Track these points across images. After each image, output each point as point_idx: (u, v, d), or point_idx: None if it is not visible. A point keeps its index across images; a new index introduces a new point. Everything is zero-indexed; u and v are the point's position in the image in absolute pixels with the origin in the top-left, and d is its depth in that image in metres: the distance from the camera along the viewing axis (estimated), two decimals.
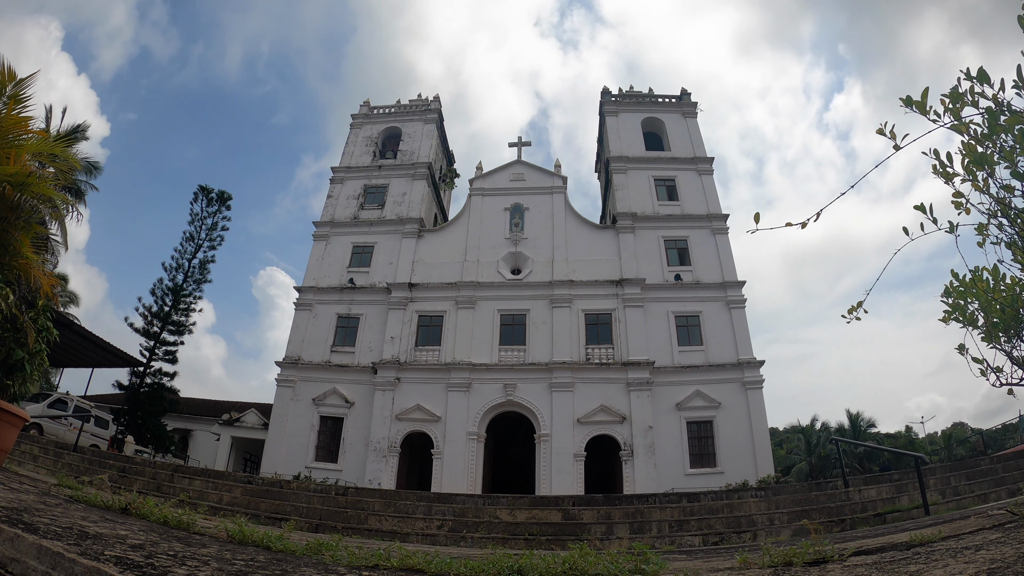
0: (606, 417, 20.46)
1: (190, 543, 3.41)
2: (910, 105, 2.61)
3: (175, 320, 28.10)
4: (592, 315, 22.73)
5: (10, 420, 5.91)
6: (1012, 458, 11.61)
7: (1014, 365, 2.92)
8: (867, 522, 8.40)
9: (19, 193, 6.48)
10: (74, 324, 21.09)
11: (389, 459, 20.34)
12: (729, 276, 23.12)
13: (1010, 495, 8.20)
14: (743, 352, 21.47)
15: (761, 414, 20.43)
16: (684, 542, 8.40)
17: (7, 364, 6.84)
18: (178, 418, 29.78)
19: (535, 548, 7.68)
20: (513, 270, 24.39)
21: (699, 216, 24.75)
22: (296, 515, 9.92)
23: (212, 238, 29.97)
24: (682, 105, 28.54)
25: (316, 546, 3.81)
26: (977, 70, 2.50)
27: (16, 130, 6.77)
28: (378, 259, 24.90)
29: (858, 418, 35.17)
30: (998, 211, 2.72)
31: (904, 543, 3.36)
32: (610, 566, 3.27)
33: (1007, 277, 2.90)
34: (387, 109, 30.58)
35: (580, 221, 25.45)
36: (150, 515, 4.36)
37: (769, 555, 3.37)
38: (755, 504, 10.48)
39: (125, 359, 24.01)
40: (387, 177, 27.49)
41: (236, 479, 13.63)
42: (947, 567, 2.38)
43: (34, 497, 4.45)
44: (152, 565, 2.38)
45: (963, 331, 3.02)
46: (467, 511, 10.62)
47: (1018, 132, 2.44)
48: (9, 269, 6.62)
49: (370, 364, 22.17)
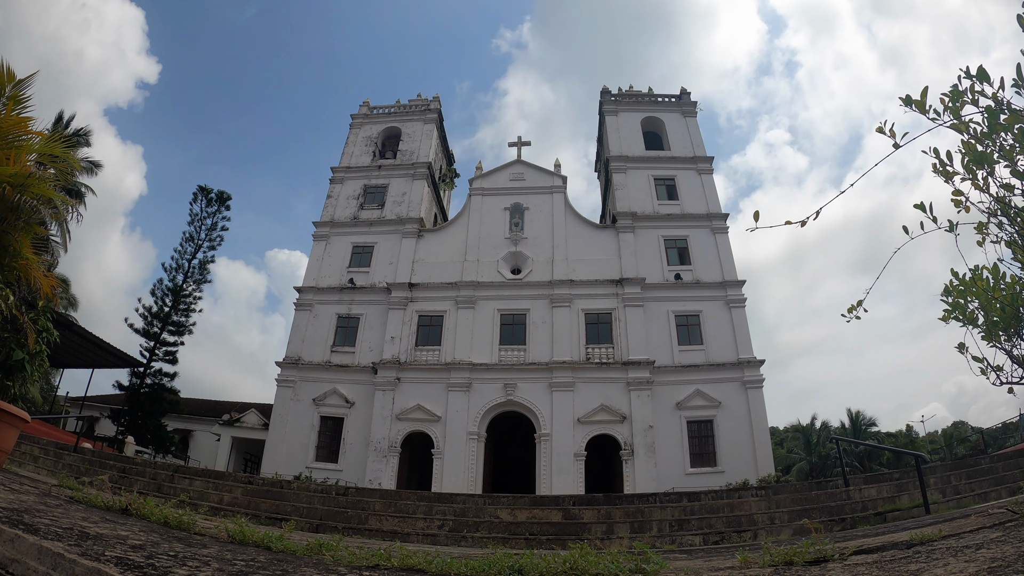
0: (606, 417, 20.46)
1: (191, 543, 3.41)
2: (909, 104, 2.61)
3: (175, 320, 28.13)
4: (592, 315, 22.73)
5: (10, 421, 5.91)
6: (1012, 457, 11.62)
7: (1014, 364, 2.92)
8: (868, 521, 8.40)
9: (19, 194, 6.48)
10: (74, 325, 21.10)
11: (389, 459, 20.34)
12: (729, 275, 23.13)
13: (1010, 494, 8.20)
14: (743, 351, 21.47)
15: (761, 413, 20.44)
16: (685, 541, 8.41)
17: (7, 365, 6.85)
18: (178, 418, 29.82)
19: (536, 548, 7.68)
20: (513, 270, 24.39)
21: (699, 215, 24.75)
22: (297, 515, 9.92)
23: (212, 238, 30.04)
24: (682, 104, 28.55)
25: (317, 546, 3.81)
26: (977, 69, 2.50)
27: (16, 131, 6.77)
28: (378, 259, 24.90)
29: (858, 417, 35.21)
30: (998, 210, 2.72)
31: (905, 542, 3.36)
32: (611, 565, 3.27)
33: (1007, 276, 2.90)
34: (387, 109, 30.58)
35: (580, 220, 25.46)
36: (150, 516, 4.36)
37: (770, 554, 3.37)
38: (755, 503, 10.49)
39: (125, 360, 24.03)
40: (387, 177, 27.49)
41: (236, 479, 13.63)
42: (948, 566, 2.37)
43: (34, 498, 4.45)
44: (153, 566, 2.38)
45: (963, 330, 3.02)
46: (467, 511, 10.63)
47: (1018, 131, 2.44)
48: (9, 270, 6.62)
49: (370, 364, 22.17)
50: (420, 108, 30.11)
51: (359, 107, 30.55)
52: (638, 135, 27.84)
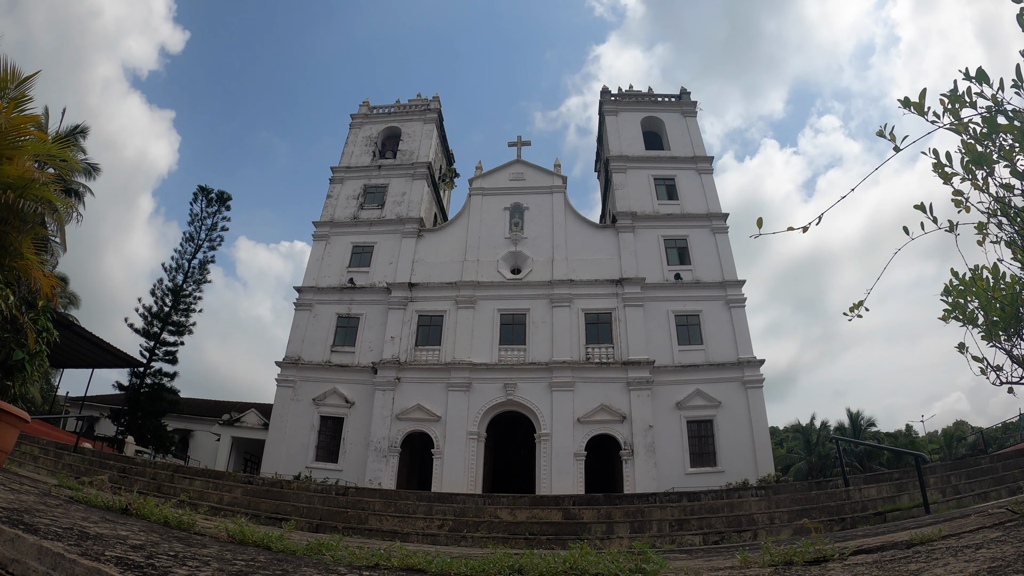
0: (606, 416, 20.46)
1: (191, 543, 3.41)
2: (908, 106, 2.61)
3: (175, 320, 28.13)
4: (592, 314, 22.73)
5: (10, 421, 5.92)
6: (1012, 456, 11.62)
7: (1014, 363, 2.92)
8: (867, 521, 8.40)
9: (19, 196, 6.48)
10: (74, 325, 21.10)
11: (389, 459, 20.35)
12: (729, 275, 23.13)
13: (1010, 493, 8.20)
14: (743, 351, 21.47)
15: (761, 413, 20.44)
16: (684, 541, 8.41)
17: (7, 365, 6.85)
18: (178, 418, 29.81)
19: (536, 547, 7.68)
20: (513, 269, 24.39)
21: (699, 215, 24.76)
22: (296, 515, 9.93)
23: (212, 238, 30.03)
24: (682, 104, 28.56)
25: (317, 546, 3.81)
26: (976, 70, 2.50)
27: (17, 131, 6.77)
28: (378, 259, 24.90)
29: (858, 417, 35.20)
30: (997, 210, 2.72)
31: (905, 542, 3.36)
32: (611, 565, 3.27)
33: (1007, 276, 2.90)
34: (387, 109, 30.57)
35: (580, 220, 25.46)
36: (150, 515, 4.36)
37: (770, 554, 3.37)
38: (755, 503, 10.49)
39: (125, 359, 24.02)
40: (387, 177, 27.49)
41: (236, 479, 13.63)
42: (948, 566, 2.38)
43: (34, 498, 4.45)
44: (153, 565, 2.38)
45: (963, 329, 3.02)
46: (467, 511, 10.63)
47: (1017, 131, 2.44)
48: (9, 270, 6.62)
49: (370, 364, 22.17)
50: (420, 108, 30.12)
51: (359, 107, 30.56)
52: (638, 135, 27.84)
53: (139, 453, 22.14)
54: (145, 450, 24.25)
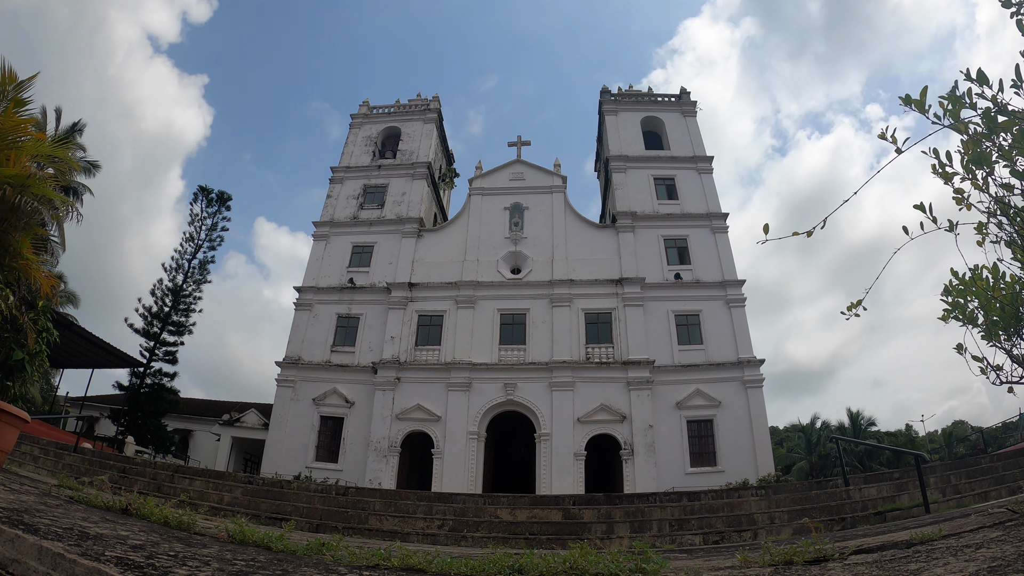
0: (606, 416, 20.46)
1: (191, 543, 3.41)
2: (909, 104, 2.61)
3: (175, 321, 28.14)
4: (592, 314, 22.73)
5: (10, 421, 5.92)
6: (1012, 456, 11.62)
7: (1014, 363, 2.92)
8: (868, 520, 8.40)
9: (19, 195, 6.48)
10: (74, 325, 21.10)
11: (389, 459, 20.34)
12: (729, 275, 23.13)
13: (1010, 493, 8.20)
14: (743, 351, 21.47)
15: (761, 413, 20.44)
16: (685, 541, 8.41)
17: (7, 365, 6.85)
18: (178, 418, 29.81)
19: (536, 547, 7.69)
20: (513, 269, 24.39)
21: (699, 215, 24.76)
22: (297, 515, 9.93)
23: (212, 239, 30.05)
24: (681, 104, 28.55)
25: (317, 546, 3.82)
26: (976, 71, 2.50)
27: (16, 132, 6.77)
28: (378, 259, 24.90)
29: (858, 416, 35.22)
30: (997, 210, 2.73)
31: (905, 541, 3.36)
32: (611, 565, 3.27)
33: (1007, 275, 2.90)
34: (386, 109, 30.57)
35: (580, 220, 25.46)
36: (151, 516, 4.36)
37: (770, 554, 3.37)
38: (755, 503, 10.48)
39: (125, 360, 24.02)
40: (387, 177, 27.48)
41: (236, 479, 13.63)
42: (948, 565, 2.38)
43: (35, 498, 4.45)
44: (153, 565, 2.38)
45: (963, 329, 3.02)
46: (467, 511, 10.62)
47: (1016, 131, 2.44)
48: (9, 270, 6.62)
49: (370, 364, 22.17)
50: (420, 108, 30.11)
51: (359, 107, 30.55)
52: (638, 135, 27.84)
53: (139, 453, 22.14)
54: (145, 450, 24.25)
